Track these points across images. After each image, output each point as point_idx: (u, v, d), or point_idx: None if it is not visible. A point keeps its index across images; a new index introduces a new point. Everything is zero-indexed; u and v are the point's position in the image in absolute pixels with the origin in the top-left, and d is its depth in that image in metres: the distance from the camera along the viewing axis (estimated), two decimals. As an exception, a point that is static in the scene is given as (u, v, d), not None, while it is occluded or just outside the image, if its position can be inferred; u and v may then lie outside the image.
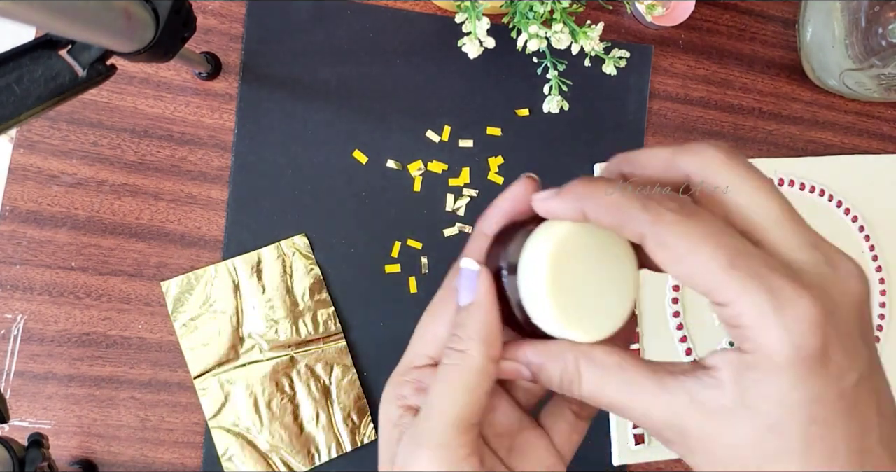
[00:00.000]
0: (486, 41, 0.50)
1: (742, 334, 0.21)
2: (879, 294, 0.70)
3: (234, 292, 0.58)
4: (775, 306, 0.20)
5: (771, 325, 0.20)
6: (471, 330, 0.24)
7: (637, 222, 0.21)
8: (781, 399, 0.20)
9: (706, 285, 0.21)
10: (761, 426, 0.20)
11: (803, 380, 0.20)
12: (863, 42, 0.63)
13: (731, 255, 0.20)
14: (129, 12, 0.37)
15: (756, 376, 0.20)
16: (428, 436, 0.24)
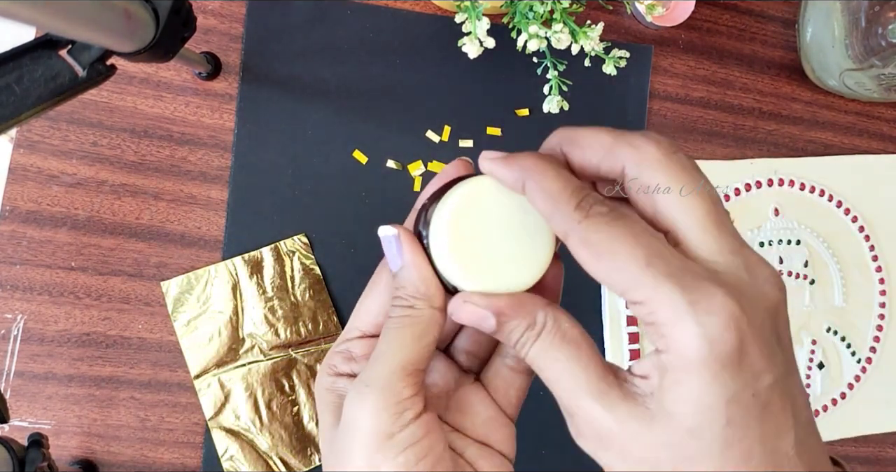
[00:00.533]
0: (486, 41, 0.50)
1: (657, 332, 0.21)
2: (879, 294, 0.70)
3: (234, 292, 0.58)
4: (689, 301, 0.20)
5: (685, 320, 0.20)
6: (410, 289, 0.25)
7: (565, 218, 0.22)
8: (698, 401, 0.20)
9: (623, 284, 0.21)
10: (680, 430, 0.20)
11: (718, 379, 0.20)
12: (863, 42, 0.63)
13: (648, 255, 0.21)
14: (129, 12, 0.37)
15: (673, 378, 0.21)
16: (375, 378, 0.24)
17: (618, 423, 0.21)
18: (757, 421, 0.20)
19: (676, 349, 0.20)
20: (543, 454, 0.62)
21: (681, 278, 0.20)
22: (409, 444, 0.24)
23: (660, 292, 0.20)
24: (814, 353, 0.68)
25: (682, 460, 0.21)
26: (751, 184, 0.68)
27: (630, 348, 0.63)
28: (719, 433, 0.20)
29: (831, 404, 0.68)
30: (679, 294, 0.20)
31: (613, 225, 0.21)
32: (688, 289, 0.20)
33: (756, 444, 0.21)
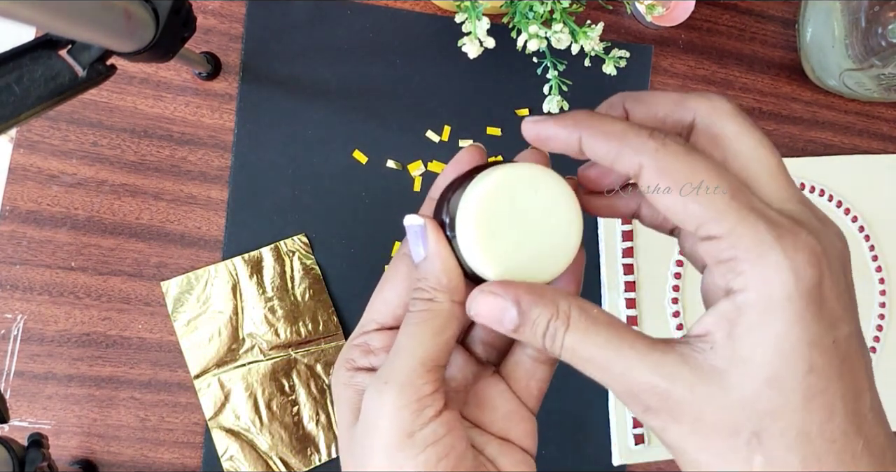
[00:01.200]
0: (486, 41, 0.50)
1: (734, 269, 0.20)
2: (879, 294, 0.70)
3: (234, 292, 0.58)
4: (775, 236, 0.19)
5: (771, 253, 0.19)
6: (432, 281, 0.24)
7: (640, 150, 0.21)
8: (779, 343, 0.19)
9: (702, 216, 0.20)
10: (758, 381, 0.19)
11: (801, 318, 0.19)
12: (863, 42, 0.63)
13: (731, 187, 0.20)
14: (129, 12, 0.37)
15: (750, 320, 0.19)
16: (394, 375, 0.24)
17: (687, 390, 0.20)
18: (837, 373, 0.19)
19: (759, 284, 0.19)
20: (543, 454, 0.62)
21: (764, 212, 0.20)
22: (431, 442, 0.23)
23: (744, 225, 0.19)
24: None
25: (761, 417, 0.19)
26: (751, 184, 0.68)
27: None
28: (801, 381, 0.19)
29: (831, 404, 0.68)
30: (765, 227, 0.19)
31: (693, 155, 0.21)
32: (773, 223, 0.19)
33: (838, 399, 0.19)
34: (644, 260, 0.64)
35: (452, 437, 0.23)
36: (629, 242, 0.64)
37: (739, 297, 0.20)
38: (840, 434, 0.19)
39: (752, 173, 0.22)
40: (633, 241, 0.64)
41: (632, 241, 0.64)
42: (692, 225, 0.20)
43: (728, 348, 0.20)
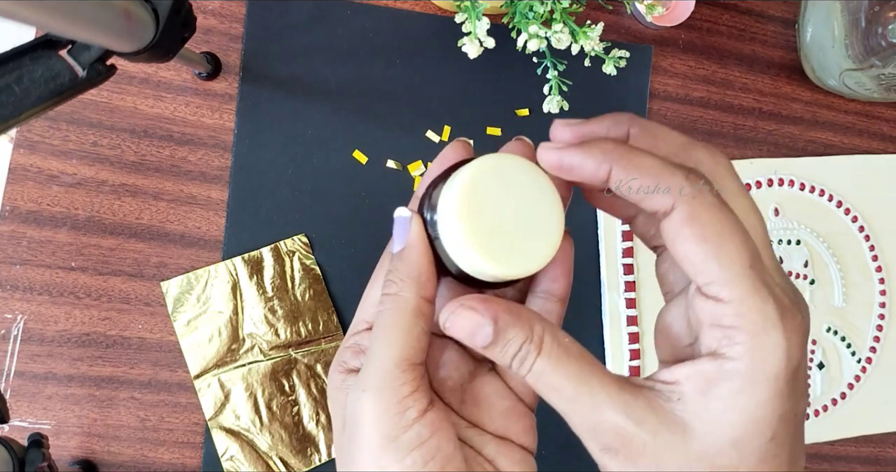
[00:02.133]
0: (486, 41, 0.50)
1: (731, 337, 0.20)
2: (879, 294, 0.70)
3: (234, 292, 0.58)
4: (779, 316, 0.20)
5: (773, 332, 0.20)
6: (402, 272, 0.24)
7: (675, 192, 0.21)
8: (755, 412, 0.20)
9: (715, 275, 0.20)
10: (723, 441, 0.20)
11: (780, 394, 0.20)
12: (863, 42, 0.63)
13: (753, 256, 0.20)
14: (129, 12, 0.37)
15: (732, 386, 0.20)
16: (370, 380, 0.23)
17: (650, 435, 0.21)
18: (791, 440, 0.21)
19: (753, 358, 0.20)
20: (543, 454, 0.62)
21: (772, 289, 0.20)
22: (416, 445, 0.23)
23: (755, 297, 0.20)
24: (814, 353, 0.68)
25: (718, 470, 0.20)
26: (751, 184, 0.68)
27: (630, 348, 0.63)
28: (761, 446, 0.20)
29: (831, 404, 0.68)
30: (772, 305, 0.20)
31: (725, 211, 0.21)
32: (778, 301, 0.20)
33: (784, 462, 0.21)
34: (644, 260, 0.64)
35: (438, 438, 0.23)
36: (629, 242, 0.64)
37: (728, 364, 0.20)
38: None
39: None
40: (633, 241, 0.64)
41: (632, 241, 0.64)
42: (702, 280, 0.21)
43: (699, 404, 0.21)
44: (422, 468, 0.23)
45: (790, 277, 0.68)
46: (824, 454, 0.68)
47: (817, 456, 0.68)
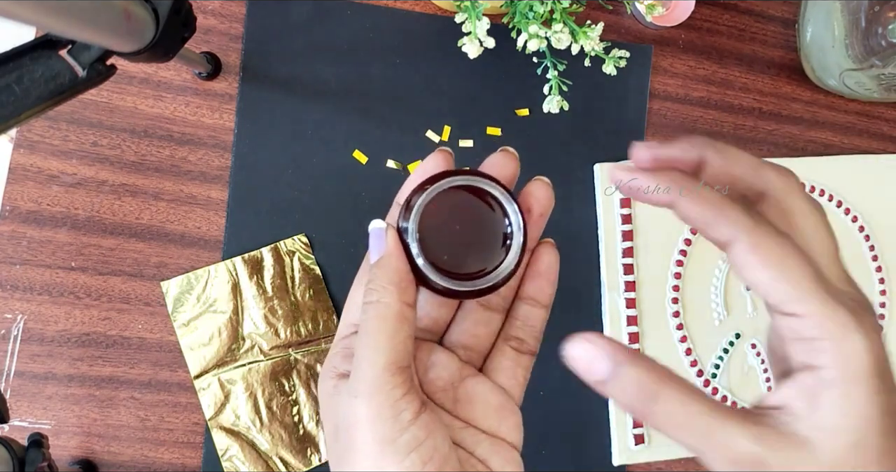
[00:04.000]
0: (486, 41, 0.50)
1: (816, 347, 0.22)
2: (879, 294, 0.70)
3: (234, 292, 0.58)
4: (856, 320, 0.22)
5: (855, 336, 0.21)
6: (382, 280, 0.26)
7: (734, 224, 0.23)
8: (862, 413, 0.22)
9: (787, 295, 0.22)
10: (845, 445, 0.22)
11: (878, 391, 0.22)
12: (863, 42, 0.63)
13: (815, 272, 0.22)
14: (129, 12, 0.37)
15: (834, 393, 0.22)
16: (361, 386, 0.24)
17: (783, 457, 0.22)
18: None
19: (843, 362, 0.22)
20: (543, 454, 0.62)
21: (841, 297, 0.22)
22: (414, 447, 0.23)
23: (827, 308, 0.22)
24: (814, 353, 0.68)
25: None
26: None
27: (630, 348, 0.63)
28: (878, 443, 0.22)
29: (831, 404, 0.68)
30: (845, 311, 0.22)
31: (782, 237, 0.23)
32: (850, 308, 0.22)
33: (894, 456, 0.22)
34: (644, 260, 0.64)
35: (434, 439, 0.24)
36: (629, 242, 0.64)
37: (822, 372, 0.22)
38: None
39: (815, 251, 0.24)
40: (633, 241, 0.64)
41: (632, 241, 0.64)
42: (777, 301, 0.23)
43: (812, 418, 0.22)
44: (421, 468, 0.23)
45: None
46: (824, 454, 0.68)
47: (817, 456, 0.68)
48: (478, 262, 0.26)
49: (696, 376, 0.65)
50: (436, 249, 0.25)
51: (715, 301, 0.66)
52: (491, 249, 0.26)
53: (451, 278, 0.25)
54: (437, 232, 0.25)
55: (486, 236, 0.26)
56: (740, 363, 0.66)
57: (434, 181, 0.26)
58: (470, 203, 0.26)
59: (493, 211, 0.26)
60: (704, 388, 0.65)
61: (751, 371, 0.66)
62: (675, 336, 0.65)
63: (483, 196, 0.26)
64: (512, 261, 0.25)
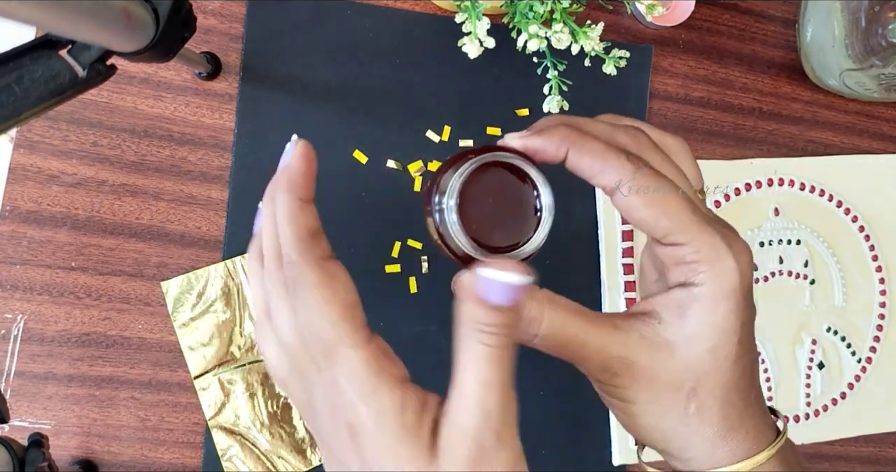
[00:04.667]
0: (486, 41, 0.50)
1: (695, 269, 0.26)
2: (879, 294, 0.70)
3: (235, 291, 0.58)
4: (727, 245, 0.25)
5: (726, 258, 0.25)
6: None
7: (618, 170, 0.26)
8: (721, 323, 0.25)
9: (669, 227, 0.26)
10: (701, 350, 0.26)
11: (739, 306, 0.26)
12: (863, 42, 0.63)
13: (692, 206, 0.26)
14: (129, 12, 0.37)
15: (701, 306, 0.26)
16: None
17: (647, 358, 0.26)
18: (751, 343, 0.27)
19: (716, 281, 0.25)
20: (543, 454, 0.62)
21: (716, 226, 0.26)
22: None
23: (705, 235, 0.25)
24: (814, 353, 0.68)
25: (699, 376, 0.26)
26: (751, 184, 0.68)
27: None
28: (732, 349, 0.26)
29: (831, 404, 0.68)
30: (719, 238, 0.25)
31: (661, 177, 0.26)
32: (724, 235, 0.26)
33: (748, 362, 0.27)
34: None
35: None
36: (629, 242, 0.64)
37: (695, 289, 0.26)
38: (745, 386, 0.27)
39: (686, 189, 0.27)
40: (633, 241, 0.64)
41: (632, 241, 0.64)
42: (660, 235, 0.26)
43: (677, 325, 0.26)
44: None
45: (790, 277, 0.68)
46: (824, 453, 0.68)
47: (817, 456, 0.68)
48: (513, 236, 0.26)
49: (696, 376, 0.65)
50: (475, 226, 0.26)
51: (715, 301, 0.66)
52: (524, 223, 0.26)
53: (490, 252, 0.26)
54: (474, 209, 0.26)
55: (519, 211, 0.26)
56: (740, 363, 0.66)
57: (458, 160, 0.26)
58: (502, 179, 0.26)
59: (525, 185, 0.26)
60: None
61: (751, 371, 0.66)
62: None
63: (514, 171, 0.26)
64: (544, 233, 0.26)
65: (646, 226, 0.26)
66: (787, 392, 0.67)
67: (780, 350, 0.67)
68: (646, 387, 0.26)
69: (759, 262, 0.67)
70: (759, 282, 0.67)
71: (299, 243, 0.25)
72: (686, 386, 0.26)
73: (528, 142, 0.27)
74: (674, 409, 0.26)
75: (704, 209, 0.27)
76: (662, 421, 0.27)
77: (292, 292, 0.25)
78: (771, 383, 0.66)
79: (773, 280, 0.67)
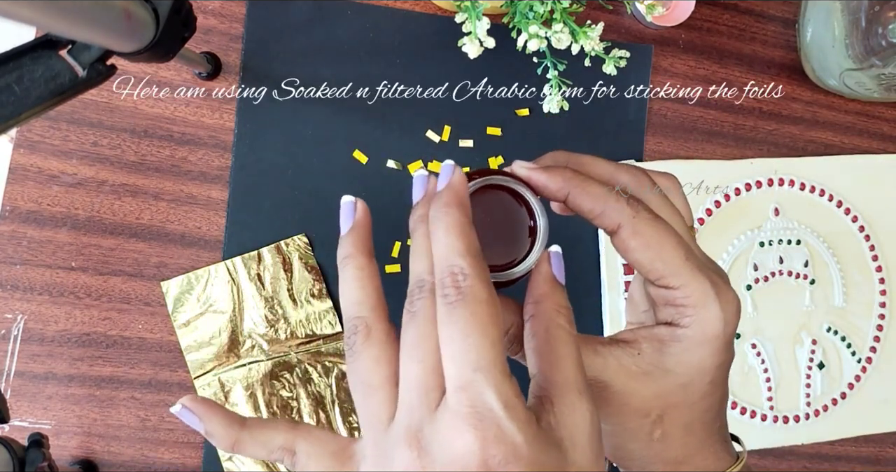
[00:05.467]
0: (486, 41, 0.50)
1: (682, 312, 0.27)
2: (879, 294, 0.70)
3: (235, 292, 0.58)
4: (716, 293, 0.27)
5: (712, 305, 0.27)
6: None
7: (618, 214, 0.27)
8: (698, 365, 0.27)
9: (663, 271, 0.27)
10: (673, 384, 0.27)
11: (719, 351, 0.27)
12: (863, 42, 0.63)
13: (686, 250, 0.27)
14: (129, 12, 0.37)
15: (681, 347, 0.27)
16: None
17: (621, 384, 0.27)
18: (722, 383, 0.29)
19: (700, 326, 0.27)
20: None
21: (707, 273, 0.27)
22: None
23: (695, 281, 0.27)
24: (814, 353, 0.68)
25: (667, 406, 0.28)
26: (751, 184, 0.68)
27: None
28: (703, 387, 0.28)
29: (831, 404, 0.68)
30: (709, 286, 0.27)
31: (658, 222, 0.27)
32: (714, 282, 0.27)
33: (716, 401, 0.28)
34: (644, 260, 0.64)
35: None
36: (629, 242, 0.64)
37: (679, 330, 0.27)
38: (710, 419, 0.29)
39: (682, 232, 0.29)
40: (633, 241, 0.64)
41: (632, 241, 0.64)
42: (654, 277, 0.27)
43: (655, 359, 0.28)
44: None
45: (790, 276, 0.68)
46: (824, 454, 0.68)
47: (817, 456, 0.68)
48: (507, 255, 0.28)
49: (696, 376, 0.65)
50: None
51: (715, 301, 0.66)
52: (519, 244, 0.28)
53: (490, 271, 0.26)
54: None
55: (515, 233, 0.28)
56: (740, 364, 0.66)
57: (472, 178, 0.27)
58: (499, 200, 0.28)
59: (520, 207, 0.28)
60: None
61: (751, 371, 0.66)
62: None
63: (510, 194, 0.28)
64: (538, 251, 0.28)
65: (641, 268, 0.27)
66: (787, 392, 0.67)
67: (780, 350, 0.67)
68: (616, 411, 0.27)
69: (759, 262, 0.67)
70: (759, 282, 0.67)
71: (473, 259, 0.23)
72: (654, 414, 0.28)
73: (533, 176, 0.28)
74: (640, 433, 0.28)
75: (698, 252, 0.28)
76: (629, 443, 0.28)
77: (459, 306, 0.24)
78: (771, 383, 0.66)
79: (773, 280, 0.67)
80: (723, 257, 0.67)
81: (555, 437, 0.22)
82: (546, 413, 0.22)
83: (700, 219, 0.66)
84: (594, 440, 0.23)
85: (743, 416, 0.66)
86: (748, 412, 0.66)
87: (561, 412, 0.22)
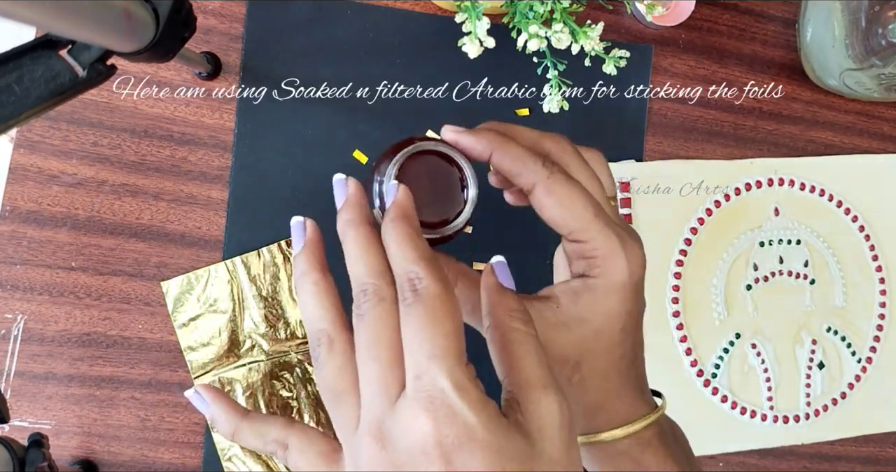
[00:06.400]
0: (486, 41, 0.50)
1: (592, 264, 0.30)
2: (879, 294, 0.70)
3: (234, 291, 0.58)
4: (622, 246, 0.30)
5: (619, 256, 0.29)
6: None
7: (534, 174, 0.29)
8: (608, 311, 0.30)
9: (574, 226, 0.29)
10: (588, 331, 0.30)
11: (627, 299, 0.30)
12: (863, 42, 0.63)
13: (596, 207, 0.30)
14: (129, 12, 0.37)
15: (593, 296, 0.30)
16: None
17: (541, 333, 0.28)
18: (634, 330, 0.31)
19: (608, 275, 0.30)
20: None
21: (615, 228, 0.30)
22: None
23: (603, 236, 0.29)
24: (814, 353, 0.68)
25: (583, 353, 0.30)
26: (751, 184, 0.68)
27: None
28: (615, 334, 0.30)
29: (831, 404, 0.68)
30: (615, 239, 0.29)
31: (570, 182, 0.30)
32: (620, 236, 0.30)
33: (630, 347, 0.31)
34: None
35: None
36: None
37: (591, 281, 0.30)
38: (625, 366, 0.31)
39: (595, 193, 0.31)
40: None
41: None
42: (565, 231, 0.30)
43: (570, 309, 0.30)
44: None
45: (790, 276, 0.68)
46: (824, 453, 0.68)
47: (817, 456, 0.68)
48: (442, 213, 0.30)
49: (697, 376, 0.65)
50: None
51: (715, 301, 0.66)
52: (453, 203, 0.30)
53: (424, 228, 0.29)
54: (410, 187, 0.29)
55: (449, 193, 0.30)
56: (740, 363, 0.66)
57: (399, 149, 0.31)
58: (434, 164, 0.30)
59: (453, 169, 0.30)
60: (704, 388, 0.65)
61: (751, 371, 0.66)
62: (676, 336, 0.65)
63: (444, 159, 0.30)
64: (470, 208, 0.30)
65: (554, 224, 0.30)
66: (787, 392, 0.67)
67: (780, 350, 0.67)
68: None
69: (759, 262, 0.67)
70: (759, 282, 0.67)
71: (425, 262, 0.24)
72: (571, 360, 0.30)
73: (459, 138, 0.30)
74: (560, 379, 0.30)
75: (610, 212, 0.31)
76: None
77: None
78: (771, 382, 0.66)
79: (773, 280, 0.67)
80: (723, 256, 0.67)
81: (523, 430, 0.23)
82: (514, 413, 0.23)
83: (700, 219, 0.66)
84: (564, 431, 0.23)
85: (743, 416, 0.66)
86: (748, 412, 0.66)
87: (527, 409, 0.23)
